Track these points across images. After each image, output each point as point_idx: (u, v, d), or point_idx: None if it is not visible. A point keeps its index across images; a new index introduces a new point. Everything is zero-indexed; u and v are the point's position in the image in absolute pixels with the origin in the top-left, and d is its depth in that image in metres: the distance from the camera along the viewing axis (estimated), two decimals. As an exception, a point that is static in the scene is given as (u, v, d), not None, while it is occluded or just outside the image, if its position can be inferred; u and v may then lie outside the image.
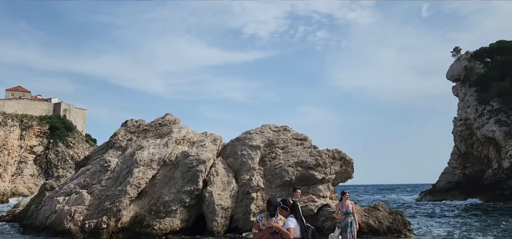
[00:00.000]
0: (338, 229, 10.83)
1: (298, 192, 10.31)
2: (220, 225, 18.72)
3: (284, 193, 19.52)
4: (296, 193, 10.23)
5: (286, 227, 6.81)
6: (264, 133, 22.86)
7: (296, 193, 10.26)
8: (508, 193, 39.16)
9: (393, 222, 18.97)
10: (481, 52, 55.47)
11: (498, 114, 45.45)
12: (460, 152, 52.94)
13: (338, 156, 21.70)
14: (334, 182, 21.81)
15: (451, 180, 51.51)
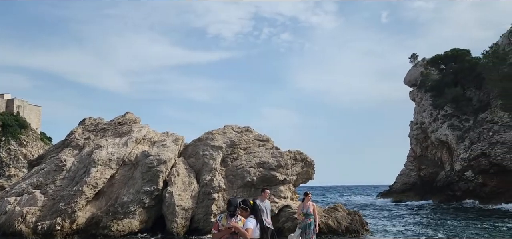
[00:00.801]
0: (299, 229, 10.90)
1: (266, 193, 10.22)
2: (180, 226, 18.46)
3: (245, 193, 19.52)
4: (265, 194, 10.15)
5: (245, 228, 6.79)
6: (227, 134, 22.77)
7: (265, 193, 10.17)
8: (459, 194, 41.08)
9: (352, 222, 19.51)
10: (436, 59, 57.82)
11: (451, 119, 47.59)
12: (415, 155, 55.03)
13: (300, 157, 21.93)
14: (295, 183, 22.02)
15: (407, 181, 53.45)
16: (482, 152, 40.02)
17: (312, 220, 10.86)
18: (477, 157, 40.27)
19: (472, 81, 49.40)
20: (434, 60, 58.17)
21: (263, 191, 10.35)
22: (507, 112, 40.51)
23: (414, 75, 60.51)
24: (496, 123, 40.90)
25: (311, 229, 10.73)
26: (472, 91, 49.42)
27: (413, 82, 60.40)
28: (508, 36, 48.45)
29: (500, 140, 39.13)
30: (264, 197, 10.16)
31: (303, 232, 10.74)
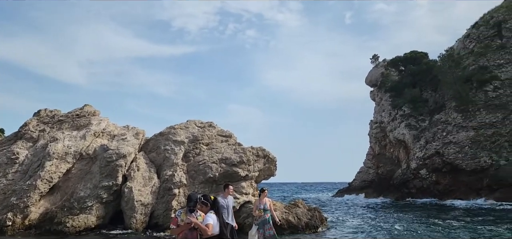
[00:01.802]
0: (255, 225, 10.86)
1: (230, 189, 10.08)
2: (139, 221, 18.10)
3: (207, 189, 19.43)
4: (228, 190, 10.02)
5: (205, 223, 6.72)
6: (189, 129, 22.53)
7: (228, 189, 10.02)
8: (414, 191, 42.69)
9: (311, 218, 19.87)
10: (396, 61, 59.72)
11: (409, 119, 49.34)
12: (374, 153, 56.71)
13: (262, 154, 22.02)
14: (257, 179, 22.11)
15: (365, 178, 55.00)
16: (436, 151, 41.75)
17: (269, 215, 10.90)
18: (432, 156, 41.98)
19: (429, 83, 51.43)
20: (394, 61, 60.06)
21: (226, 187, 10.18)
22: (460, 113, 42.44)
23: (375, 76, 62.22)
24: (450, 123, 42.75)
25: (269, 224, 10.74)
26: (428, 93, 51.44)
27: (374, 82, 62.12)
28: (463, 41, 50.74)
29: (453, 140, 40.95)
30: (228, 193, 10.03)
31: (261, 227, 10.71)
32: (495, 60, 43.86)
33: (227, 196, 10.02)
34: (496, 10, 50.03)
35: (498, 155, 37.39)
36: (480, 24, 49.18)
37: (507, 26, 45.45)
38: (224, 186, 10.32)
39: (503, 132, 38.57)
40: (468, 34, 50.30)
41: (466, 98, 42.49)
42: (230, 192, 10.11)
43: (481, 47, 46.35)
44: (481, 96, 42.01)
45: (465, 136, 40.34)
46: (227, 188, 10.11)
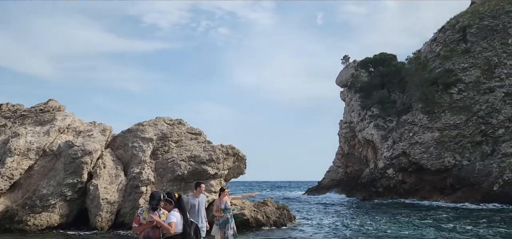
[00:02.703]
0: (216, 225, 10.64)
1: (202, 187, 9.84)
2: (104, 220, 17.71)
3: (175, 187, 19.23)
4: (200, 188, 9.76)
5: (167, 222, 6.60)
6: (158, 126, 22.19)
7: (200, 188, 9.77)
8: (381, 190, 43.65)
9: (280, 216, 20.10)
10: (366, 62, 60.84)
11: (377, 120, 50.39)
12: (343, 152, 57.67)
13: (232, 152, 21.97)
14: (227, 178, 22.06)
15: (334, 177, 55.88)
16: (403, 151, 42.81)
17: (231, 215, 10.69)
18: (398, 156, 43.02)
19: (397, 85, 52.68)
20: (364, 63, 61.16)
21: (198, 185, 9.93)
22: (426, 115, 43.67)
23: (345, 76, 63.20)
24: (416, 124, 43.93)
25: (229, 224, 10.49)
26: (396, 94, 52.70)
27: (344, 83, 63.10)
28: (430, 44, 52.24)
29: (419, 141, 42.10)
30: (199, 192, 9.78)
31: (223, 227, 10.45)
32: (460, 64, 45.35)
33: (199, 195, 9.77)
34: (462, 15, 51.77)
35: (461, 156, 38.70)
36: (446, 29, 50.75)
37: (472, 31, 47.09)
38: (196, 185, 10.07)
39: (466, 133, 39.95)
40: (435, 38, 51.82)
41: (432, 100, 43.76)
42: (202, 190, 9.85)
43: (447, 51, 47.83)
44: (446, 98, 43.35)
45: (431, 137, 41.55)
46: (199, 186, 9.86)
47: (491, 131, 38.97)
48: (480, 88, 42.20)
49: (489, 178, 35.70)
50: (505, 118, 39.12)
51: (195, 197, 9.75)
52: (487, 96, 41.25)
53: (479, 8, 50.40)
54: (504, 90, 40.88)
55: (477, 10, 50.18)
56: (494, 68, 42.94)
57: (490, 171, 36.12)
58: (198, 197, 9.70)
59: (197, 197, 9.69)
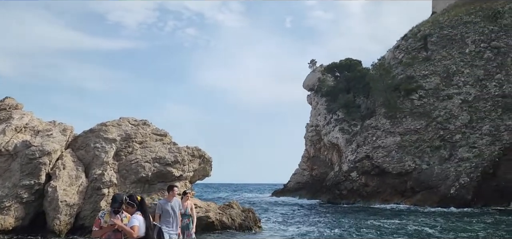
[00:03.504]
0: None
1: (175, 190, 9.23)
2: (63, 223, 17.04)
3: (138, 189, 18.82)
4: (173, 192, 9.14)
5: (130, 225, 6.43)
6: (122, 126, 21.63)
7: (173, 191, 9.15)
8: (345, 193, 44.48)
9: (245, 219, 20.04)
10: (332, 67, 61.93)
11: (342, 123, 51.38)
12: (309, 155, 58.41)
13: (198, 154, 21.74)
14: (192, 180, 21.81)
15: (300, 180, 56.47)
16: (366, 154, 43.82)
17: (190, 220, 10.21)
18: (362, 159, 43.99)
19: (362, 90, 53.89)
20: (330, 67, 62.23)
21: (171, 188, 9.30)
22: (389, 119, 44.91)
23: (312, 80, 64.04)
24: (379, 129, 45.09)
25: (189, 229, 10.09)
26: (361, 99, 53.91)
27: (311, 86, 63.94)
28: (393, 51, 53.78)
29: (382, 145, 43.22)
30: (173, 195, 9.16)
31: (182, 233, 9.88)
32: (421, 71, 46.91)
33: (172, 198, 9.13)
34: (423, 24, 53.63)
35: (420, 159, 40.02)
36: (408, 37, 52.40)
37: (432, 40, 48.85)
38: (168, 188, 9.42)
39: (426, 138, 41.36)
40: (398, 45, 53.39)
41: (394, 106, 45.05)
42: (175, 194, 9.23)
43: (409, 58, 49.39)
44: (407, 104, 44.73)
45: (392, 141, 42.74)
46: (172, 190, 9.23)
47: (449, 136, 40.54)
48: (439, 95, 43.81)
49: (447, 181, 37.12)
50: (462, 124, 40.80)
51: (168, 201, 9.16)
52: (446, 103, 42.90)
53: (439, 18, 52.39)
54: (461, 97, 42.65)
55: (437, 20, 52.14)
56: (452, 76, 44.71)
57: (448, 174, 37.56)
58: (171, 201, 9.12)
59: (170, 201, 9.12)
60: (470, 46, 45.97)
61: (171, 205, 9.08)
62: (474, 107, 41.60)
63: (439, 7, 61.71)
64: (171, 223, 9.01)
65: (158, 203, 9.39)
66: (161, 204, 9.17)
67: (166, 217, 8.99)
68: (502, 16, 46.53)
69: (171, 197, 9.21)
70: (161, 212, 9.03)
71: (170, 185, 9.64)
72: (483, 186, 36.23)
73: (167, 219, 8.99)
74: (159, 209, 9.10)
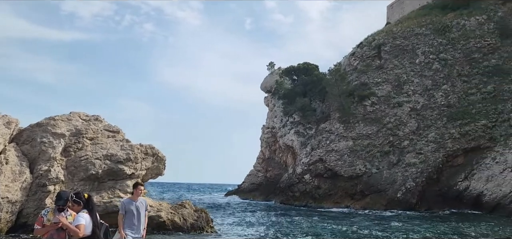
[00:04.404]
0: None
1: (140, 189, 8.45)
2: (3, 221, 16.19)
3: (87, 187, 18.24)
4: (138, 191, 8.42)
5: (75, 224, 6.27)
6: (72, 121, 20.87)
7: (138, 190, 8.42)
8: (298, 195, 45.25)
9: (198, 219, 19.89)
10: (290, 70, 62.79)
11: (298, 126, 52.23)
12: (264, 157, 58.90)
13: (151, 152, 21.38)
14: (144, 178, 21.39)
15: (254, 181, 56.82)
16: (320, 158, 44.79)
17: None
18: (315, 162, 44.91)
19: (318, 94, 55.00)
20: (288, 70, 63.06)
21: (136, 186, 8.54)
22: (342, 124, 46.15)
23: (269, 83, 64.63)
24: (333, 133, 46.22)
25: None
26: (317, 103, 55.02)
27: (269, 89, 64.52)
28: (349, 58, 55.28)
29: (335, 148, 44.34)
30: (137, 195, 8.45)
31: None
32: (374, 78, 48.56)
33: (137, 198, 8.44)
34: (378, 33, 55.53)
35: (371, 164, 41.44)
36: (364, 45, 54.08)
37: (386, 49, 50.70)
38: (134, 186, 8.68)
39: (377, 143, 42.88)
40: (353, 53, 54.94)
41: (348, 111, 46.36)
42: (140, 193, 8.47)
43: (364, 65, 50.98)
44: (360, 110, 46.16)
45: (345, 145, 43.96)
46: (137, 188, 8.49)
47: (398, 142, 42.26)
48: (390, 102, 45.56)
49: (394, 185, 38.68)
50: (410, 131, 42.67)
51: (132, 201, 8.44)
52: (396, 110, 44.68)
53: (392, 28, 54.47)
54: (410, 105, 44.58)
55: (391, 30, 54.18)
56: (403, 85, 46.63)
57: (395, 179, 39.16)
58: (136, 200, 8.43)
59: (135, 200, 8.43)
60: (420, 57, 48.14)
61: (136, 205, 8.43)
62: (422, 115, 43.61)
63: (393, 18, 64.29)
64: (135, 224, 8.37)
65: (122, 202, 8.66)
66: (125, 204, 8.45)
67: (130, 218, 8.36)
68: (450, 30, 49.10)
69: (136, 196, 8.50)
70: (125, 212, 8.39)
71: (135, 183, 8.81)
72: (427, 190, 38.09)
73: (131, 220, 8.36)
74: (123, 209, 8.42)
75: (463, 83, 44.48)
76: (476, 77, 44.42)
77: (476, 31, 47.85)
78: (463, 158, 39.35)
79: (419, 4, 60.22)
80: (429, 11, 54.53)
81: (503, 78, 42.72)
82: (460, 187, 37.34)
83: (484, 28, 47.78)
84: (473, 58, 45.88)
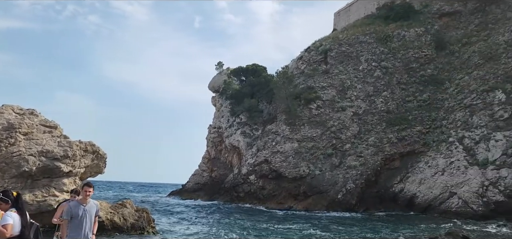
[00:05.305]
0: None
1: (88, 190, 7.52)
2: None
3: (19, 185, 17.25)
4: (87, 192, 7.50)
5: (2, 223, 6.04)
6: (4, 114, 19.64)
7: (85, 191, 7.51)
8: (242, 195, 45.56)
9: (138, 219, 19.43)
10: (238, 71, 63.08)
11: (244, 127, 52.56)
12: (210, 156, 58.66)
13: (91, 149, 20.60)
14: (83, 176, 20.57)
15: (199, 181, 56.43)
16: (265, 158, 45.37)
17: None
18: (261, 163, 45.44)
19: (265, 95, 55.66)
20: (236, 71, 63.30)
21: (83, 187, 7.65)
22: (288, 126, 47.05)
23: (218, 82, 64.49)
24: (279, 134, 47.00)
25: None
26: (264, 104, 55.64)
27: (217, 88, 64.35)
28: (296, 61, 56.46)
29: (280, 150, 45.10)
30: (86, 197, 7.51)
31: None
32: (320, 83, 49.95)
33: (86, 201, 7.54)
34: (325, 39, 57.21)
35: (314, 166, 42.60)
36: (311, 49, 55.46)
37: (332, 55, 52.32)
38: (82, 186, 7.77)
39: (320, 146, 44.14)
40: (301, 56, 56.19)
41: (294, 113, 47.34)
42: (88, 194, 7.53)
43: (310, 69, 52.28)
44: (306, 113, 47.30)
45: (290, 147, 44.86)
46: (83, 189, 7.61)
47: (340, 145, 43.78)
48: (334, 106, 47.08)
49: (335, 187, 40.04)
50: (352, 135, 44.36)
51: (80, 204, 7.49)
52: (339, 114, 46.26)
53: (339, 35, 56.36)
54: (353, 110, 46.35)
55: (337, 36, 56.03)
56: (346, 90, 48.37)
57: (337, 180, 40.55)
58: (85, 203, 7.52)
59: (83, 203, 7.51)
60: (363, 64, 50.18)
61: (85, 209, 7.49)
62: (363, 120, 45.48)
63: (340, 25, 66.56)
64: (82, 232, 7.37)
65: (67, 206, 7.60)
66: (71, 208, 7.43)
67: (77, 224, 7.35)
68: (391, 40, 51.63)
69: (85, 198, 7.54)
70: (70, 218, 7.37)
71: (86, 183, 7.76)
72: (366, 192, 39.80)
73: (78, 226, 7.35)
74: (68, 214, 7.38)
75: (401, 91, 46.93)
76: (413, 85, 47.06)
77: (415, 42, 50.69)
78: (400, 161, 41.52)
79: (364, 14, 62.83)
80: (373, 20, 57.04)
81: (437, 87, 45.60)
82: (396, 189, 39.35)
83: (422, 40, 50.74)
84: (411, 68, 48.57)
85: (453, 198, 34.14)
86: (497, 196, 31.53)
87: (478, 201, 32.17)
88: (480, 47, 45.96)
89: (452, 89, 44.05)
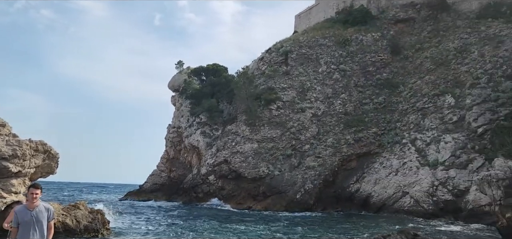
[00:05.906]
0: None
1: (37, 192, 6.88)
2: None
3: (-38, 186, 16.20)
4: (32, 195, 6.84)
5: None
6: None
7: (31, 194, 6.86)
8: (201, 195, 45.24)
9: (92, 221, 18.82)
10: (199, 70, 62.51)
11: (204, 127, 52.18)
12: (169, 156, 57.77)
13: (42, 149, 19.72)
14: (33, 177, 19.66)
15: (157, 181, 55.43)
16: (225, 159, 45.26)
17: None
18: (220, 163, 45.30)
19: (226, 96, 55.53)
20: (197, 71, 62.71)
21: (29, 190, 6.90)
22: (249, 126, 47.18)
23: (177, 82, 63.60)
24: (239, 135, 47.03)
25: None
26: (224, 104, 55.49)
27: (176, 87, 63.43)
28: (257, 62, 56.72)
29: (240, 150, 45.15)
30: (32, 200, 6.79)
31: None
32: (280, 84, 50.45)
33: (34, 205, 6.82)
34: (286, 41, 57.85)
35: (273, 166, 42.96)
36: (272, 51, 55.89)
37: (292, 56, 52.97)
38: (29, 189, 6.99)
39: (280, 146, 44.58)
40: (262, 57, 56.50)
41: (255, 114, 47.53)
42: (35, 197, 6.82)
43: (271, 70, 52.68)
44: (266, 113, 47.62)
45: (250, 147, 45.00)
46: (29, 191, 6.91)
47: (300, 146, 44.41)
48: (294, 107, 47.69)
49: (294, 187, 40.56)
50: (311, 136, 45.12)
51: (28, 210, 6.79)
52: (299, 115, 46.92)
53: (299, 37, 57.16)
54: (312, 111, 47.16)
55: (297, 38, 56.81)
56: (306, 92, 49.14)
57: (295, 181, 41.08)
58: (33, 208, 6.80)
59: (31, 208, 6.80)
60: (323, 67, 51.17)
61: (34, 214, 6.78)
62: (322, 121, 46.38)
63: (300, 28, 67.56)
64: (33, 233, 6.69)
65: (14, 213, 6.84)
66: (18, 214, 6.74)
67: (25, 232, 6.67)
68: (350, 44, 53.00)
69: (32, 202, 6.79)
70: (18, 225, 6.71)
71: (32, 185, 7.03)
72: (324, 192, 40.59)
73: (27, 234, 6.66)
74: (16, 222, 6.70)
75: (358, 93, 48.26)
76: (369, 88, 48.52)
77: (372, 46, 52.31)
78: (356, 162, 42.66)
79: (324, 17, 64.14)
80: (333, 24, 58.34)
81: (392, 91, 47.26)
82: (352, 189, 40.39)
83: (378, 44, 52.44)
84: (368, 71, 50.06)
85: (405, 197, 35.48)
86: (446, 195, 33.05)
87: (429, 200, 33.60)
88: (431, 53, 48.08)
89: (406, 92, 45.78)
